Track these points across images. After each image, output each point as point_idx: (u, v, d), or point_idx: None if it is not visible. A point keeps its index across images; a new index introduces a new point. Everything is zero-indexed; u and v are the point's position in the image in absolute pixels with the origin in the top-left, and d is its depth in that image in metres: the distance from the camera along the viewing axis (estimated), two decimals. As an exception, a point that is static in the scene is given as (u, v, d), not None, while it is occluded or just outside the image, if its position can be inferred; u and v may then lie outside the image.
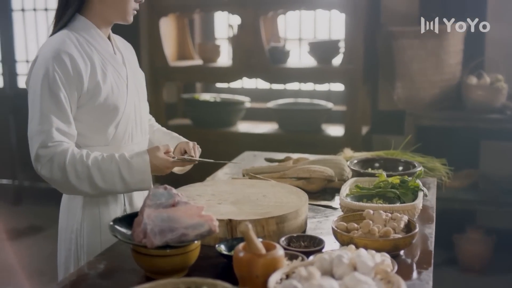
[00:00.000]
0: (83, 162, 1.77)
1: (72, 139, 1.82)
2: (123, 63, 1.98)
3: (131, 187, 1.84)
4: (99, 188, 1.80)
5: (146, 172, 1.82)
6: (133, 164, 1.81)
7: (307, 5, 3.90)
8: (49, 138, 1.76)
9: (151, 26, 4.19)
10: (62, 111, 1.79)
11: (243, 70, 4.02)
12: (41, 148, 1.76)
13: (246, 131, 4.15)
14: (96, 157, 1.80)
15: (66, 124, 1.79)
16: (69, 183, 1.78)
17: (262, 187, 2.01)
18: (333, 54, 3.98)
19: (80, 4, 1.89)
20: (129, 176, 1.81)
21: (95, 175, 1.78)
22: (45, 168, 1.77)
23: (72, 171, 1.76)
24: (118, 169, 1.80)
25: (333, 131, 4.01)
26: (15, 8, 5.27)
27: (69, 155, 1.76)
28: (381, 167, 2.32)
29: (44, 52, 1.81)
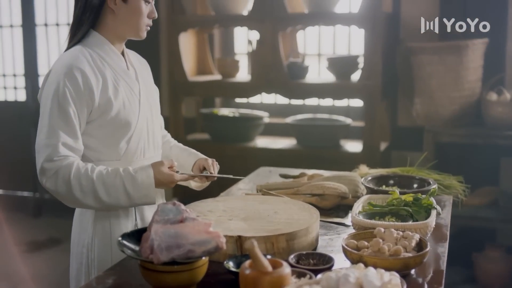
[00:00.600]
0: (87, 176, 1.79)
1: (79, 154, 1.84)
2: (136, 79, 2.00)
3: (135, 202, 1.85)
4: (103, 202, 1.81)
5: (150, 187, 1.83)
6: (137, 178, 1.82)
7: (326, 20, 3.90)
8: (55, 152, 1.78)
9: (171, 41, 4.21)
10: (70, 126, 1.81)
11: (261, 85, 4.03)
12: (46, 161, 1.79)
13: (264, 146, 4.15)
14: (101, 171, 1.81)
15: (73, 139, 1.82)
16: (73, 197, 1.80)
17: (274, 203, 2.00)
18: (352, 70, 3.97)
19: (94, 20, 1.91)
20: (133, 191, 1.82)
21: (100, 189, 1.79)
22: (50, 181, 1.79)
23: (76, 184, 1.78)
24: (122, 184, 1.81)
25: (351, 147, 3.99)
26: (39, 23, 5.35)
27: (74, 169, 1.78)
28: (396, 184, 2.30)
29: (56, 68, 1.84)
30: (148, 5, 1.94)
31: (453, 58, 3.53)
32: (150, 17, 1.96)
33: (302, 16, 4.01)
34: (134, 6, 1.90)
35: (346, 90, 3.85)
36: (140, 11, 1.91)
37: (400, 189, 2.25)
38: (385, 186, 2.27)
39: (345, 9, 4.21)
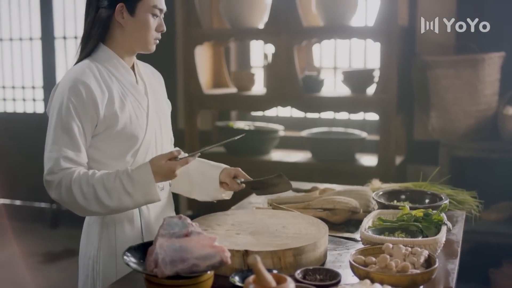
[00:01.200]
0: (88, 182, 1.79)
1: (82, 166, 1.85)
2: (145, 93, 2.01)
3: (138, 200, 1.83)
4: (108, 207, 1.81)
5: (150, 183, 1.81)
6: (134, 177, 1.81)
7: (341, 34, 3.90)
8: (57, 166, 1.80)
9: (187, 54, 4.23)
10: (72, 140, 1.83)
11: (276, 99, 4.02)
12: (48, 174, 1.81)
13: (279, 159, 4.14)
14: (101, 175, 1.82)
15: (75, 152, 1.83)
16: (77, 204, 1.80)
17: (283, 218, 1.99)
18: (368, 83, 3.95)
19: (102, 35, 1.93)
20: (134, 190, 1.81)
21: (101, 194, 1.79)
22: (55, 192, 1.81)
23: (78, 192, 1.79)
24: (122, 185, 1.80)
25: (366, 160, 3.97)
26: (57, 35, 5.41)
27: (74, 177, 1.80)
28: (407, 199, 2.28)
29: (63, 82, 1.87)
30: (156, 19, 1.95)
31: (469, 72, 3.50)
32: (158, 30, 1.97)
33: (317, 29, 4.01)
34: (141, 20, 1.91)
35: (361, 103, 3.83)
36: (147, 25, 1.92)
37: (412, 204, 2.23)
38: (396, 201, 2.25)
39: (361, 23, 4.20)
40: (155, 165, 1.83)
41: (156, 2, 1.94)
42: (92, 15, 1.93)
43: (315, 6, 4.00)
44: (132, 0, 1.90)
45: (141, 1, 1.91)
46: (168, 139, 2.12)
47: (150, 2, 1.92)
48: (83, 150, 1.86)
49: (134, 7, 1.90)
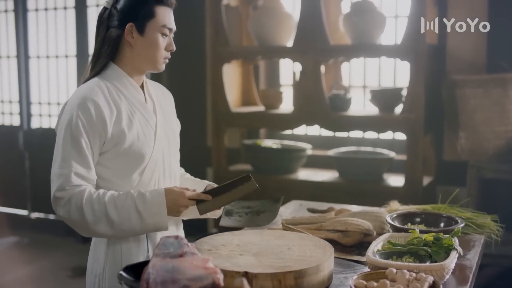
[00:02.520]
0: (99, 200, 1.81)
1: (91, 183, 1.87)
2: (153, 112, 2.02)
3: (147, 221, 1.84)
4: (115, 225, 1.82)
5: (161, 204, 1.84)
6: (147, 196, 1.84)
7: (368, 52, 3.86)
8: (67, 182, 1.82)
9: (215, 72, 4.26)
10: (82, 156, 1.84)
11: (303, 117, 4.00)
12: (58, 191, 1.83)
13: (305, 178, 4.10)
14: (113, 193, 1.85)
15: (85, 169, 1.85)
16: (86, 223, 1.82)
17: (290, 239, 1.96)
18: (396, 102, 3.90)
19: (112, 54, 1.95)
20: (145, 209, 1.83)
21: (111, 211, 1.81)
22: (63, 209, 1.83)
23: (89, 210, 1.81)
24: (133, 203, 1.83)
25: (394, 181, 3.90)
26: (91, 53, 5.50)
27: (86, 195, 1.81)
28: (422, 222, 2.22)
29: (72, 99, 1.89)
30: (166, 38, 1.97)
31: (499, 91, 3.42)
32: (168, 50, 1.98)
33: (344, 48, 3.98)
34: (151, 39, 1.93)
35: (388, 123, 3.78)
36: (156, 44, 1.94)
37: (427, 227, 2.17)
38: (410, 224, 2.20)
39: (390, 41, 4.16)
40: (168, 190, 1.87)
41: (166, 22, 1.95)
42: (103, 34, 1.96)
43: (342, 24, 3.97)
44: (141, 20, 1.92)
45: (150, 20, 1.92)
46: (176, 158, 2.12)
47: (159, 21, 1.93)
48: (93, 167, 1.88)
49: (144, 27, 1.92)
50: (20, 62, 5.84)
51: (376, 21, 3.85)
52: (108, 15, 1.96)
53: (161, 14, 1.94)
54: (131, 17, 1.92)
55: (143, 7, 1.92)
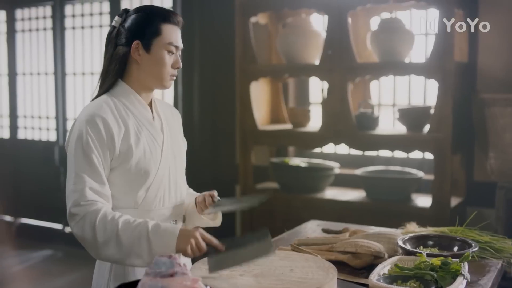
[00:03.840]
0: (113, 221, 1.80)
1: (106, 199, 1.87)
2: (161, 130, 2.02)
3: (154, 249, 1.80)
4: (124, 249, 1.79)
5: (172, 235, 1.79)
6: (161, 226, 1.81)
7: (395, 71, 3.80)
8: (82, 197, 1.82)
9: (243, 90, 4.26)
10: (95, 172, 1.85)
11: (329, 136, 3.96)
12: (73, 206, 1.82)
13: (332, 197, 4.05)
14: (129, 218, 1.83)
15: (99, 184, 1.85)
16: (96, 242, 1.80)
17: (295, 260, 1.93)
18: (424, 121, 3.82)
19: (120, 71, 1.97)
20: (155, 237, 1.79)
21: (122, 233, 1.79)
22: (78, 226, 1.82)
23: (101, 229, 1.79)
24: (146, 228, 1.80)
25: (422, 201, 3.81)
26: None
27: (100, 214, 1.80)
28: (436, 245, 2.16)
29: (81, 116, 1.90)
30: (172, 56, 1.97)
31: (529, 111, 3.32)
32: (174, 67, 1.99)
33: (371, 66, 3.93)
34: (157, 57, 1.94)
35: (415, 142, 3.70)
36: (162, 62, 1.95)
37: (440, 251, 2.11)
38: (422, 247, 2.13)
39: (420, 59, 4.10)
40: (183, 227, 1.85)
41: (172, 39, 1.96)
42: (111, 52, 1.98)
43: (369, 42, 3.93)
44: (147, 38, 1.93)
45: (156, 38, 1.94)
46: (182, 175, 2.12)
47: (165, 39, 1.94)
48: (106, 182, 1.89)
49: (150, 44, 1.94)
50: (57, 78, 5.99)
51: (404, 39, 3.79)
52: (116, 34, 1.98)
53: (167, 32, 1.95)
54: (137, 35, 1.94)
55: (149, 25, 1.93)
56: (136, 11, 1.98)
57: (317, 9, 4.00)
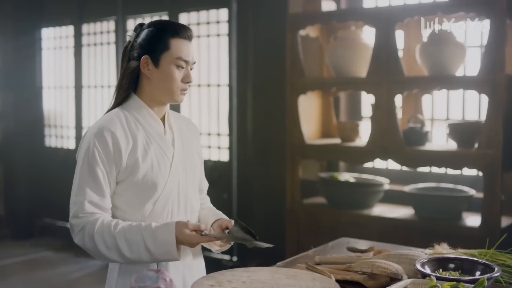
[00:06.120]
0: (110, 232, 1.84)
1: (106, 211, 1.91)
2: (172, 144, 2.02)
3: (157, 258, 1.86)
4: (127, 258, 1.86)
5: (171, 244, 1.84)
6: (158, 235, 1.84)
7: (444, 84, 3.67)
8: (81, 209, 1.87)
9: (291, 103, 4.22)
10: (97, 185, 1.88)
11: (376, 151, 3.86)
12: (73, 218, 1.88)
13: (379, 214, 3.94)
14: (124, 226, 1.86)
15: (99, 197, 1.89)
16: (99, 252, 1.86)
17: (301, 279, 1.88)
18: (476, 137, 3.65)
19: (132, 85, 2.00)
20: (154, 248, 1.84)
21: (122, 245, 1.84)
22: (78, 237, 1.88)
23: (100, 240, 1.84)
24: (143, 240, 1.84)
25: (471, 221, 3.64)
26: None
27: (98, 225, 1.85)
28: (458, 268, 2.04)
29: (91, 129, 1.94)
30: (182, 70, 1.97)
31: None
32: (185, 81, 1.98)
33: (419, 79, 3.81)
34: (166, 71, 1.95)
35: (464, 159, 3.55)
36: (171, 76, 1.95)
37: (462, 275, 2.00)
38: (442, 270, 2.03)
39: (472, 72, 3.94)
40: (178, 230, 1.85)
41: (181, 54, 1.95)
42: (124, 66, 2.00)
43: (418, 55, 3.81)
44: (156, 52, 1.94)
45: (164, 53, 1.94)
46: (195, 189, 2.10)
47: (174, 54, 1.94)
48: (108, 195, 1.92)
49: (158, 59, 1.95)
50: (77, 91, 6.48)
51: (454, 51, 3.66)
52: (130, 48, 2.00)
53: (176, 46, 1.95)
54: (147, 50, 1.96)
55: (158, 39, 1.94)
56: (148, 25, 2.00)
57: (364, 21, 3.91)
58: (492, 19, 3.38)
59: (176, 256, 1.86)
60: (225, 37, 5.25)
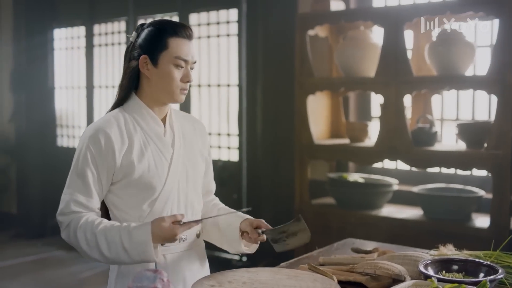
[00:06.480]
0: (92, 230, 1.86)
1: (92, 211, 1.92)
2: (171, 145, 2.02)
3: (134, 258, 1.85)
4: (107, 258, 1.86)
5: (147, 243, 1.81)
6: (133, 235, 1.83)
7: (452, 84, 3.64)
8: (66, 208, 1.90)
9: (300, 103, 4.21)
10: (85, 185, 1.91)
11: (384, 151, 3.84)
12: (59, 215, 1.92)
13: (388, 215, 3.91)
14: (106, 226, 1.87)
15: (85, 197, 1.91)
16: (81, 249, 1.88)
17: (302, 280, 1.87)
18: (485, 138, 3.62)
19: (132, 85, 2.00)
20: (130, 248, 1.83)
21: (102, 244, 1.85)
22: (64, 232, 1.91)
23: (82, 238, 1.86)
24: (120, 240, 1.84)
25: (480, 222, 3.61)
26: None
27: (81, 222, 1.87)
28: (462, 270, 2.02)
29: (87, 130, 1.96)
30: (181, 69, 1.97)
31: None
32: (184, 81, 1.98)
33: (427, 79, 3.78)
34: (165, 71, 1.95)
35: (473, 159, 3.52)
36: (170, 76, 1.95)
37: (466, 276, 1.98)
38: (445, 272, 2.01)
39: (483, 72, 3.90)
40: (156, 226, 1.83)
41: (180, 53, 1.95)
42: (125, 66, 2.01)
43: (427, 55, 3.79)
44: (155, 52, 1.94)
45: (163, 52, 1.94)
46: (197, 190, 2.09)
47: (172, 53, 1.94)
48: (95, 196, 1.93)
49: (157, 59, 1.95)
50: (88, 91, 6.51)
51: (463, 51, 3.63)
52: (131, 48, 2.01)
53: (175, 45, 1.94)
54: (146, 49, 1.96)
55: (157, 39, 1.94)
56: (148, 25, 2.00)
57: (373, 21, 3.90)
58: (501, 18, 3.35)
59: (152, 256, 1.83)
60: (235, 37, 5.26)
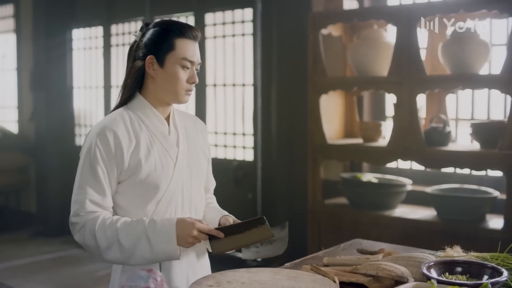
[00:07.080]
0: (112, 226, 1.86)
1: (107, 210, 1.92)
2: (176, 144, 2.02)
3: (156, 249, 1.84)
4: (126, 251, 1.84)
5: (171, 233, 1.83)
6: (158, 224, 1.85)
7: (467, 83, 3.60)
8: (82, 208, 1.89)
9: (313, 103, 4.20)
10: (98, 184, 1.90)
11: (397, 152, 3.80)
12: (73, 216, 1.90)
13: (400, 215, 3.88)
14: (126, 220, 1.88)
15: (100, 196, 1.90)
16: (99, 248, 1.87)
17: (302, 281, 1.86)
18: (499, 138, 3.57)
19: (136, 85, 2.00)
20: (154, 236, 1.84)
21: (122, 237, 1.85)
22: (79, 234, 1.90)
23: (102, 235, 1.86)
24: (144, 230, 1.85)
25: (494, 223, 3.56)
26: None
27: (99, 221, 1.87)
28: (466, 272, 1.99)
29: (94, 128, 1.95)
30: (187, 70, 1.97)
31: None
32: (190, 82, 1.98)
33: (441, 78, 3.73)
34: (170, 71, 1.95)
35: (486, 159, 3.47)
36: (176, 77, 1.95)
37: (469, 279, 1.95)
38: (448, 274, 1.98)
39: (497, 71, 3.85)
40: (180, 219, 1.87)
41: (186, 54, 1.95)
42: (129, 65, 2.01)
43: (441, 54, 3.75)
44: (161, 53, 1.95)
45: (169, 53, 1.94)
46: (200, 189, 2.10)
47: (179, 54, 1.94)
48: (108, 194, 1.93)
49: (163, 59, 1.95)
50: (106, 91, 6.53)
51: (477, 50, 3.59)
52: (136, 48, 2.01)
53: (182, 46, 1.95)
54: (152, 50, 1.96)
55: (163, 39, 1.95)
56: (154, 25, 2.00)
57: (386, 20, 3.86)
58: (515, 16, 3.30)
59: (175, 248, 1.84)
60: (250, 36, 5.26)
